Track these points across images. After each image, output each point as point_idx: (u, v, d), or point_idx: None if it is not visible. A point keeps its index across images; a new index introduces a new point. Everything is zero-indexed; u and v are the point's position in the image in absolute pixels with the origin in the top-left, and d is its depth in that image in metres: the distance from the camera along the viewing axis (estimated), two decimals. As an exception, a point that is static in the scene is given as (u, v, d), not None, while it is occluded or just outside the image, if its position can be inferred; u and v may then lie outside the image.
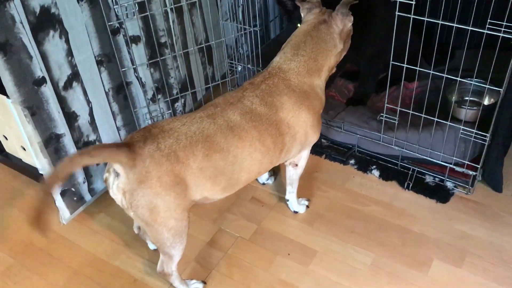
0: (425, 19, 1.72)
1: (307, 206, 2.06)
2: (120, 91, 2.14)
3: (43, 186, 1.33)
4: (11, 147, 2.29)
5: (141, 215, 1.46)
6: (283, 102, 1.63)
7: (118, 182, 1.43)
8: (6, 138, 2.25)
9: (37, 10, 1.69)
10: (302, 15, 1.81)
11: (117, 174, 1.43)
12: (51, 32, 1.76)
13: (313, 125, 1.71)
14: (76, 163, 1.40)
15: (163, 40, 2.18)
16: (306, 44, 1.70)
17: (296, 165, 1.89)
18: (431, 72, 1.84)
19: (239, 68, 2.51)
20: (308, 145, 1.80)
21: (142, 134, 1.46)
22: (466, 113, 2.06)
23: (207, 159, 1.48)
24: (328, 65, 1.74)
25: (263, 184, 2.19)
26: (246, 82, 1.69)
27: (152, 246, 1.95)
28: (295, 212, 2.04)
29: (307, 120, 1.68)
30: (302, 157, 1.86)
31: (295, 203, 2.04)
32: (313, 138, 1.77)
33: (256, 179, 2.19)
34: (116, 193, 1.46)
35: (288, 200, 2.05)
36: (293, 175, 1.95)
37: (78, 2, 1.82)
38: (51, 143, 1.89)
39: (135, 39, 2.07)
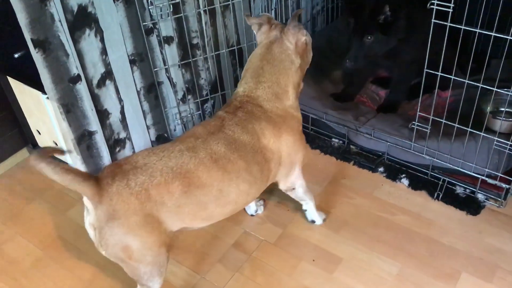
0: (462, 27, 1.69)
1: (324, 220, 2.00)
2: (151, 91, 2.17)
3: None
4: (43, 142, 2.35)
5: (113, 254, 1.41)
6: (263, 128, 1.58)
7: (88, 218, 1.40)
8: (39, 133, 2.30)
9: (75, 9, 1.72)
10: (255, 33, 1.76)
11: (87, 210, 1.39)
12: (87, 31, 1.80)
13: (294, 145, 1.67)
14: (42, 166, 1.25)
15: (195, 41, 2.19)
16: (264, 70, 1.64)
17: (293, 188, 1.82)
18: (466, 81, 1.80)
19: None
20: (295, 164, 1.74)
21: (112, 170, 1.40)
22: (501, 124, 2.01)
23: (186, 196, 1.41)
24: (292, 83, 1.67)
25: (252, 215, 2.07)
26: (219, 111, 1.63)
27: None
28: (312, 222, 1.98)
29: (288, 142, 1.64)
30: (295, 179, 1.78)
31: (313, 213, 1.97)
32: (298, 156, 1.72)
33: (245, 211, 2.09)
34: (88, 228, 1.42)
35: (306, 210, 1.98)
36: (297, 195, 1.88)
37: (114, 2, 1.85)
38: (84, 140, 1.93)
39: (168, 40, 2.10)
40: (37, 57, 1.66)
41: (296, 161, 1.73)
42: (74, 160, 1.96)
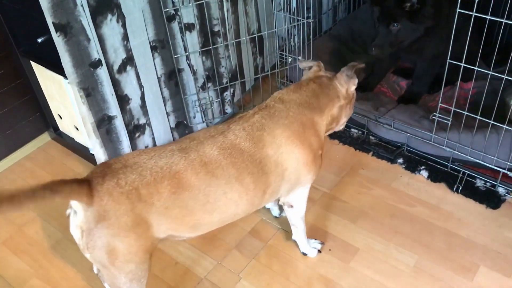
0: (488, 17, 1.65)
1: (319, 251, 1.85)
2: (172, 77, 2.17)
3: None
4: (65, 126, 2.38)
5: (97, 257, 1.34)
6: (274, 136, 1.48)
7: (76, 220, 1.33)
8: (61, 117, 2.33)
9: (97, -7, 1.73)
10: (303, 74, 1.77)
11: (75, 211, 1.33)
12: (109, 16, 1.81)
13: (307, 164, 1.55)
14: (38, 197, 1.18)
15: (216, 28, 2.19)
16: (309, 85, 1.62)
17: (292, 206, 1.71)
18: (490, 72, 1.77)
19: (290, 60, 2.49)
20: (301, 185, 1.62)
21: (102, 170, 1.35)
22: (524, 117, 1.97)
23: (174, 198, 1.35)
24: (331, 111, 1.63)
25: (276, 217, 2.02)
26: (236, 117, 1.56)
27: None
28: (304, 254, 1.85)
29: (300, 157, 1.53)
30: (297, 197, 1.67)
31: (304, 245, 1.84)
32: (307, 178, 1.60)
33: (270, 212, 2.03)
34: (75, 231, 1.35)
35: (295, 241, 1.86)
36: (291, 216, 1.76)
37: (137, -12, 1.86)
38: (103, 124, 1.95)
39: (189, 27, 2.10)
40: (58, 41, 1.68)
41: (304, 182, 1.62)
42: (94, 143, 1.98)
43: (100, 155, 2.01)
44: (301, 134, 1.52)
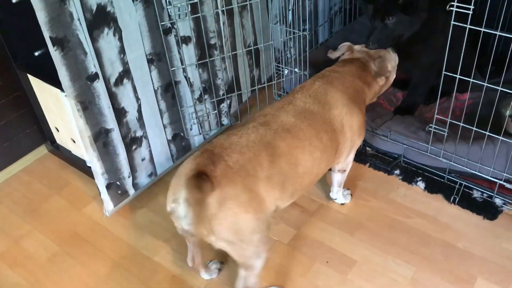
0: (482, 29, 1.66)
1: (351, 195, 2.12)
2: (169, 90, 2.18)
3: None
4: (61, 139, 2.38)
5: (225, 238, 1.42)
6: (337, 99, 1.70)
7: (195, 211, 1.36)
8: (58, 130, 2.33)
9: (94, 8, 1.74)
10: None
11: (189, 203, 1.36)
12: (106, 30, 1.81)
13: (360, 126, 1.78)
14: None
15: (212, 41, 2.20)
16: (353, 62, 1.90)
17: (345, 170, 1.96)
18: (485, 84, 1.78)
19: (286, 72, 2.51)
20: (354, 148, 1.86)
21: (207, 157, 1.42)
22: (520, 128, 1.98)
23: (273, 166, 1.48)
24: (375, 87, 1.92)
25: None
26: (297, 87, 1.75)
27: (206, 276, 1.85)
28: (342, 204, 2.09)
29: (356, 119, 1.74)
30: (349, 162, 1.92)
31: (341, 197, 2.08)
32: (359, 140, 1.84)
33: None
34: (192, 223, 1.40)
35: (336, 199, 2.09)
36: (341, 179, 2.01)
37: (133, 1, 1.87)
38: (100, 137, 1.95)
39: (185, 40, 2.11)
40: (55, 55, 1.68)
41: (357, 144, 1.84)
42: (91, 156, 1.97)
43: (97, 168, 2.00)
44: (356, 99, 1.76)
